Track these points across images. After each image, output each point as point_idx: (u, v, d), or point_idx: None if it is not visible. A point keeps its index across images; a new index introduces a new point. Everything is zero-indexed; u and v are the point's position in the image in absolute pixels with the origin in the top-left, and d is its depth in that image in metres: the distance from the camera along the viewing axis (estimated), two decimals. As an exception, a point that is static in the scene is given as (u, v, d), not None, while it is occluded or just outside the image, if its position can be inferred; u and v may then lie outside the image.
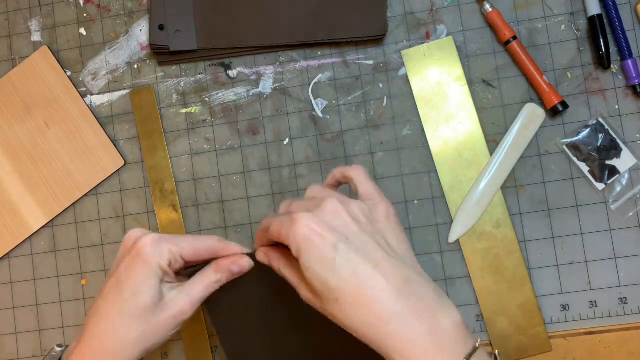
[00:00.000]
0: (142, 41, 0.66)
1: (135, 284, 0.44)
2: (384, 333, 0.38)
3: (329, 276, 0.38)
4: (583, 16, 0.60)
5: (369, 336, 0.38)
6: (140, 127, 0.65)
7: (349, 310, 0.38)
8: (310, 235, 0.39)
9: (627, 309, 0.58)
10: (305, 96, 0.63)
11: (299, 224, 0.39)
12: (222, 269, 0.47)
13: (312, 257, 0.39)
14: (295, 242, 0.39)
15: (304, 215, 0.40)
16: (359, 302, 0.38)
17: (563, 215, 0.60)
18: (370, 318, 0.38)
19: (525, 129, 0.59)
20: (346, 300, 0.38)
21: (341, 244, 0.39)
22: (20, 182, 0.66)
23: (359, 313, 0.38)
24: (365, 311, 0.38)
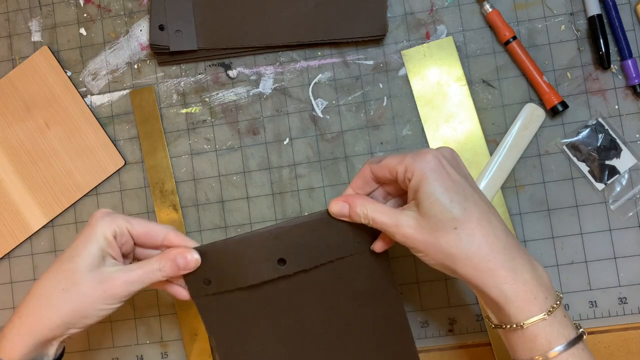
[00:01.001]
0: (142, 41, 0.66)
1: (75, 248, 0.45)
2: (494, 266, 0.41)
3: (453, 205, 0.41)
4: (583, 16, 0.60)
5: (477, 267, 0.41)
6: (140, 127, 0.65)
7: (465, 240, 0.41)
8: (439, 166, 0.42)
9: (627, 309, 0.58)
10: (305, 96, 0.63)
11: (430, 155, 0.43)
12: (165, 257, 0.47)
13: (439, 185, 0.41)
14: (421, 170, 0.42)
15: (433, 151, 0.43)
16: (476, 231, 0.41)
17: (563, 215, 0.60)
18: (485, 249, 0.41)
19: (525, 129, 0.59)
20: (465, 230, 0.41)
21: (463, 180, 0.43)
22: (20, 182, 0.66)
23: (475, 242, 0.41)
24: (481, 240, 0.41)
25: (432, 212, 0.42)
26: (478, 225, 0.42)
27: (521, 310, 0.41)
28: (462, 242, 0.41)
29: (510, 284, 0.41)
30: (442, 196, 0.42)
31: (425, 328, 0.60)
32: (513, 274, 0.41)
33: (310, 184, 0.62)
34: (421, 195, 0.42)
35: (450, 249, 0.42)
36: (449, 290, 0.60)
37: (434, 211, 0.42)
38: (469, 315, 0.60)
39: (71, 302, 0.44)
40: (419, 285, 0.61)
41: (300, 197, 0.62)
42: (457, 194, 0.42)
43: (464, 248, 0.41)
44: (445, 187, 0.42)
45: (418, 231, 0.43)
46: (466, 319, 0.60)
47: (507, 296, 0.41)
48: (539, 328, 0.40)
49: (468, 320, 0.60)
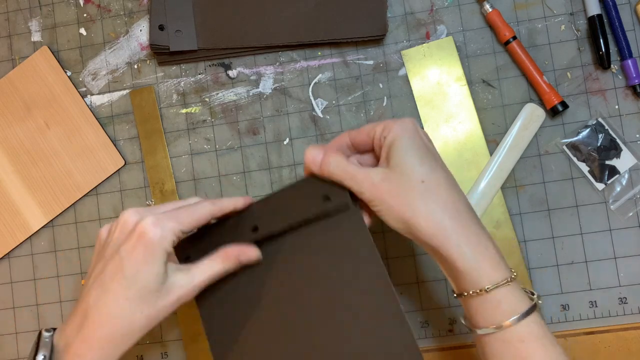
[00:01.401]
0: (142, 41, 0.66)
1: (140, 269, 0.42)
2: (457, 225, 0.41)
3: (424, 163, 0.43)
4: (583, 16, 0.60)
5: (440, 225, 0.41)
6: (140, 127, 0.65)
7: (431, 194, 0.42)
8: (415, 130, 0.44)
9: (627, 309, 0.58)
10: (305, 96, 0.63)
11: (409, 120, 0.45)
12: (230, 258, 0.47)
13: (413, 144, 0.43)
14: (399, 128, 0.43)
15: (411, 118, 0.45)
16: (443, 190, 0.42)
17: (563, 215, 0.60)
18: (450, 206, 0.42)
19: (525, 129, 0.59)
20: (431, 185, 0.42)
21: (434, 149, 0.45)
22: (20, 182, 0.66)
23: (440, 198, 0.42)
24: (448, 199, 0.42)
25: (403, 167, 0.42)
26: (445, 184, 0.42)
27: (486, 274, 0.40)
28: (428, 196, 0.42)
29: (474, 247, 0.41)
30: (414, 153, 0.43)
31: (425, 328, 0.60)
32: (476, 237, 0.41)
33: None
34: (394, 150, 0.43)
35: (415, 202, 0.42)
36: (448, 291, 0.60)
37: (404, 165, 0.42)
38: (469, 315, 0.60)
39: (152, 324, 0.44)
40: (419, 285, 0.61)
41: (300, 197, 0.62)
42: (427, 156, 0.43)
43: (430, 202, 0.41)
44: (418, 147, 0.43)
45: (385, 182, 0.42)
46: (466, 319, 0.60)
47: (470, 258, 0.40)
48: (501, 294, 0.40)
49: (468, 320, 0.60)
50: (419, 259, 0.61)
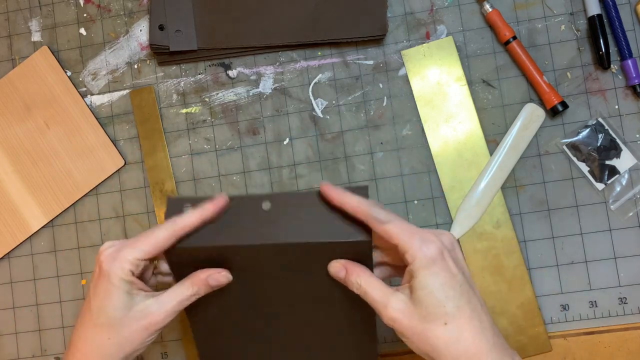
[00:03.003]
0: (142, 41, 0.66)
1: (103, 303, 0.44)
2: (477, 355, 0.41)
3: (448, 301, 0.41)
4: (583, 16, 0.60)
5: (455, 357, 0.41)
6: (140, 127, 0.65)
7: (454, 337, 0.41)
8: (441, 259, 0.41)
9: (627, 309, 0.58)
10: (305, 96, 0.63)
11: (435, 244, 0.42)
12: (198, 282, 0.46)
13: (437, 278, 0.41)
14: (423, 258, 0.41)
15: (437, 239, 0.42)
16: (466, 330, 0.41)
17: (563, 215, 0.60)
18: (472, 347, 0.41)
19: (525, 129, 0.59)
20: (455, 327, 0.41)
21: (461, 274, 0.42)
22: (20, 182, 0.66)
23: (463, 341, 0.41)
24: (470, 339, 0.41)
25: (425, 303, 0.41)
26: (469, 323, 0.41)
27: None
28: (450, 338, 0.41)
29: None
30: (437, 290, 0.41)
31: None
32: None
33: (310, 184, 0.62)
34: (417, 284, 0.41)
35: (437, 343, 0.41)
36: (449, 290, 0.60)
37: (426, 303, 0.41)
38: (469, 315, 0.60)
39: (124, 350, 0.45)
40: (419, 285, 0.61)
41: (300, 197, 0.62)
42: (452, 289, 0.41)
43: (452, 345, 0.41)
44: (442, 281, 0.41)
45: (407, 317, 0.42)
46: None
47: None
48: None
49: (468, 320, 0.60)
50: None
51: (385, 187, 0.61)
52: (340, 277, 0.45)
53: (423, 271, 0.41)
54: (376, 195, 0.61)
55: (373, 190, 0.62)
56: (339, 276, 0.45)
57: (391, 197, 0.61)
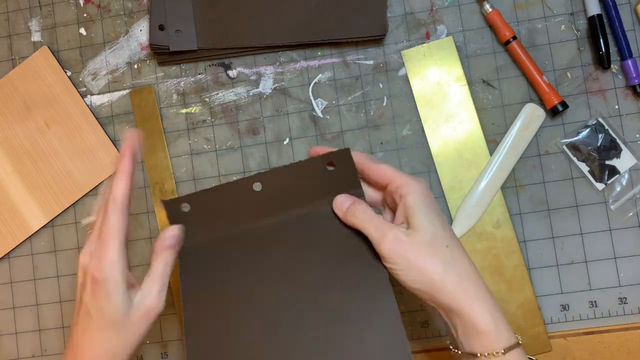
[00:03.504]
0: (142, 41, 0.66)
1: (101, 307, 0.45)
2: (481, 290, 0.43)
3: (445, 229, 0.44)
4: (583, 16, 0.60)
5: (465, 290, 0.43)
6: (140, 127, 0.65)
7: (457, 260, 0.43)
8: (429, 193, 0.45)
9: (627, 309, 0.58)
10: (305, 96, 0.63)
11: (424, 184, 0.46)
12: (159, 252, 0.47)
13: (432, 210, 0.44)
14: (418, 192, 0.45)
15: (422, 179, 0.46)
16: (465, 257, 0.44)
17: (563, 215, 0.60)
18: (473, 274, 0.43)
19: (525, 129, 0.59)
20: (456, 251, 0.44)
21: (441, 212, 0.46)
22: (20, 182, 0.66)
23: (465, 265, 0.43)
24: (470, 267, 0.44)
25: (427, 230, 0.43)
26: (463, 251, 0.44)
27: (504, 338, 0.42)
28: (452, 260, 0.43)
29: (493, 311, 0.42)
30: (436, 219, 0.44)
31: (425, 328, 0.60)
32: (492, 304, 0.43)
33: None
34: (417, 213, 0.44)
35: (442, 265, 0.43)
36: (449, 290, 0.60)
37: (428, 229, 0.43)
38: (469, 315, 0.60)
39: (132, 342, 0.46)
40: (419, 285, 0.61)
41: (300, 197, 0.62)
42: (444, 223, 0.45)
43: (455, 265, 0.43)
44: (437, 213, 0.45)
45: (405, 247, 0.43)
46: (466, 319, 0.60)
47: (490, 322, 0.42)
48: (513, 356, 0.42)
49: (468, 320, 0.60)
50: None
51: (385, 187, 0.61)
52: (344, 209, 0.47)
53: (420, 201, 0.44)
54: (376, 195, 0.61)
55: (373, 190, 0.62)
56: (344, 207, 0.47)
57: (391, 197, 0.61)
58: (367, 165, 0.48)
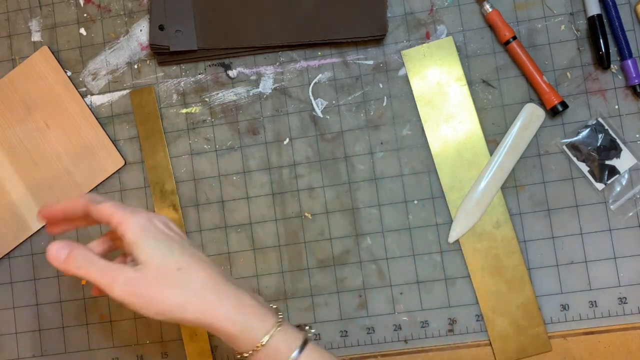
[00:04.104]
0: (142, 41, 0.66)
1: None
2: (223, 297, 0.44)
3: (174, 250, 0.44)
4: (583, 16, 0.60)
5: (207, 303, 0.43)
6: (140, 127, 0.65)
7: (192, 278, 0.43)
8: (151, 223, 0.45)
9: (626, 309, 0.58)
10: (305, 96, 0.63)
11: (144, 213, 0.45)
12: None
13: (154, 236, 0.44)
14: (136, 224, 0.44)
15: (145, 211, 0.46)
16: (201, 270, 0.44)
17: (563, 215, 0.60)
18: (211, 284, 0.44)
19: (525, 129, 0.60)
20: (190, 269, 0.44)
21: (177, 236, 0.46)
22: (21, 182, 0.66)
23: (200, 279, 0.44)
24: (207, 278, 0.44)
25: (155, 261, 0.43)
26: (198, 263, 0.44)
27: (258, 329, 0.44)
28: (187, 280, 0.43)
29: (239, 309, 0.44)
30: (161, 246, 0.44)
31: (425, 328, 0.60)
32: (237, 300, 0.44)
33: (310, 184, 0.62)
34: (140, 248, 0.43)
35: (177, 290, 0.43)
36: (448, 291, 0.60)
37: (156, 259, 0.43)
38: (469, 315, 0.60)
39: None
40: (419, 285, 0.61)
41: (300, 197, 0.62)
42: (173, 245, 0.44)
43: (191, 285, 0.43)
44: (162, 239, 0.44)
45: (142, 278, 0.43)
46: (466, 319, 0.60)
47: (240, 322, 0.43)
48: (276, 340, 0.44)
49: (468, 320, 0.60)
50: (418, 259, 0.61)
51: (385, 187, 0.61)
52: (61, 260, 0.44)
53: (140, 234, 0.44)
54: (376, 195, 0.61)
55: (373, 190, 0.62)
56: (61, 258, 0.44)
57: (391, 197, 0.61)
58: (89, 207, 0.46)
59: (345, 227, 0.62)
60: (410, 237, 0.61)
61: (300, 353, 0.44)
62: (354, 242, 0.62)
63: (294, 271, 0.62)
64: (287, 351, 0.43)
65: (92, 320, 0.65)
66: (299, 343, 0.44)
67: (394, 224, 0.61)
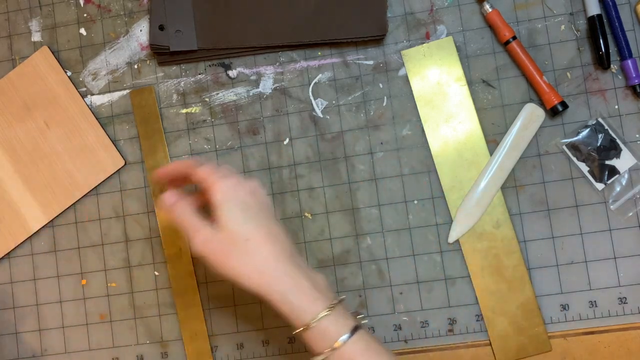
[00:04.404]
0: (142, 41, 0.66)
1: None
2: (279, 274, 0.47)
3: (247, 221, 0.48)
4: (583, 16, 0.60)
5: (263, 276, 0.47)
6: (141, 127, 0.65)
7: (255, 251, 0.47)
8: (235, 190, 0.49)
9: (626, 309, 0.58)
10: (305, 96, 0.63)
11: (232, 179, 0.49)
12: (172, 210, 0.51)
13: (235, 205, 0.48)
14: (221, 188, 0.48)
15: (235, 176, 0.50)
16: (265, 245, 0.47)
17: (563, 215, 0.60)
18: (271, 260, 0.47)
19: (525, 129, 0.60)
20: (255, 242, 0.47)
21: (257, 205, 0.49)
22: (21, 182, 0.66)
23: (263, 253, 0.47)
24: (269, 254, 0.47)
25: (229, 227, 0.47)
26: (266, 239, 0.47)
27: (308, 310, 0.46)
28: (251, 253, 0.47)
29: (294, 289, 0.46)
30: (239, 214, 0.48)
31: (425, 328, 0.60)
32: (293, 280, 0.47)
33: (310, 184, 0.62)
34: (221, 211, 0.48)
35: (240, 260, 0.47)
36: (448, 291, 0.60)
37: (229, 226, 0.47)
38: (469, 315, 0.60)
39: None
40: (419, 285, 0.61)
41: (300, 197, 0.62)
42: (250, 212, 0.48)
43: (254, 258, 0.47)
44: (242, 208, 0.48)
45: (214, 241, 0.48)
46: (466, 319, 0.60)
47: (291, 301, 0.46)
48: (326, 323, 0.46)
49: (468, 320, 0.60)
50: (418, 259, 0.61)
51: (385, 187, 0.61)
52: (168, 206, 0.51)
53: (222, 201, 0.48)
54: (376, 195, 0.62)
55: (373, 190, 0.62)
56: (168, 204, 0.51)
57: (391, 197, 0.61)
58: (190, 170, 0.51)
59: (345, 227, 0.62)
60: (410, 237, 0.61)
61: (349, 338, 0.45)
62: (354, 242, 0.62)
63: (294, 271, 0.62)
64: (335, 335, 0.45)
65: (92, 320, 0.65)
66: (349, 328, 0.46)
67: (394, 224, 0.61)
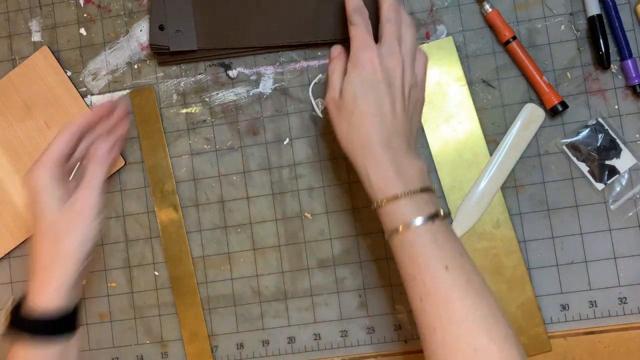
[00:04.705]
0: (142, 41, 0.66)
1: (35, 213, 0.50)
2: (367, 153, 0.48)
3: (363, 95, 0.49)
4: (583, 16, 0.60)
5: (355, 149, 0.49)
6: (141, 127, 0.65)
7: (355, 124, 0.49)
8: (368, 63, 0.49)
9: (626, 309, 0.58)
10: (305, 96, 0.63)
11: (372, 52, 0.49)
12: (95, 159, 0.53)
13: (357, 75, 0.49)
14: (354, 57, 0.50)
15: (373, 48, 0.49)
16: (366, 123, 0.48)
17: (563, 215, 0.60)
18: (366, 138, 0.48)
19: (525, 129, 0.60)
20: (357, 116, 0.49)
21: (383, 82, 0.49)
22: (21, 182, 0.66)
23: (362, 129, 0.48)
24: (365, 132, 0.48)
25: (344, 97, 0.49)
26: (369, 116, 0.48)
27: (381, 191, 0.48)
28: (355, 125, 0.49)
29: (374, 169, 0.48)
30: (357, 88, 0.49)
31: (425, 328, 0.60)
32: (375, 161, 0.48)
33: (310, 184, 0.63)
34: (344, 82, 0.50)
35: (344, 127, 0.49)
36: (449, 290, 0.60)
37: (349, 91, 0.49)
38: (469, 315, 0.60)
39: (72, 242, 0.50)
40: (419, 285, 0.61)
41: (300, 197, 0.63)
42: (368, 86, 0.49)
43: (351, 130, 0.49)
44: (362, 82, 0.49)
45: (336, 106, 0.50)
46: (466, 319, 0.60)
47: (370, 178, 0.48)
48: (395, 206, 0.47)
49: (468, 320, 0.60)
50: (419, 259, 0.61)
51: (385, 187, 0.61)
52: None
53: (351, 67, 0.49)
54: (376, 195, 0.62)
55: (373, 190, 0.62)
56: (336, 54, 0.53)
57: (391, 197, 0.61)
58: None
59: (345, 227, 0.62)
60: (410, 237, 0.61)
61: (424, 223, 0.46)
62: (354, 242, 0.62)
63: (294, 271, 0.62)
64: (410, 216, 0.46)
65: (92, 320, 0.65)
66: (426, 214, 0.46)
67: (394, 224, 0.61)
